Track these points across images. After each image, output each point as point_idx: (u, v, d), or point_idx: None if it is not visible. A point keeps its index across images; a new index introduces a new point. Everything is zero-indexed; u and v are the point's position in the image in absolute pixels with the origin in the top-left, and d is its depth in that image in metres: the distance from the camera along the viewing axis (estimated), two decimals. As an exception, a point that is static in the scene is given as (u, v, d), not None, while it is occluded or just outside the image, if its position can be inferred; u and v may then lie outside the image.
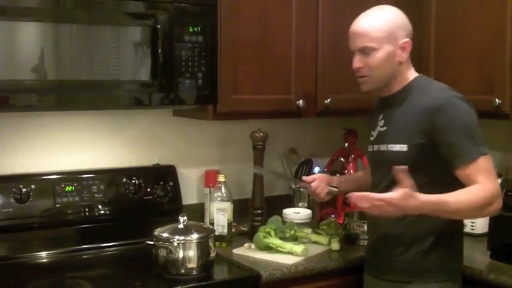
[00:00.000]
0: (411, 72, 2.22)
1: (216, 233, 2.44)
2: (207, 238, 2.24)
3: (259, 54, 2.60)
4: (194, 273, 2.19)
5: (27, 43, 2.11)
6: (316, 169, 3.05)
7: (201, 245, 2.21)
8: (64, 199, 2.49)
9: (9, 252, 2.38)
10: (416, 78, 2.22)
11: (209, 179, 2.79)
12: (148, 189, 2.66)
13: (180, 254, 2.17)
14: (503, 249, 2.33)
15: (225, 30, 2.48)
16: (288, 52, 2.67)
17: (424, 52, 2.74)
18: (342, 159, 3.09)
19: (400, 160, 2.08)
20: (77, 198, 2.51)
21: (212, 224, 2.54)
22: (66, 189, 2.49)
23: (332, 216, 2.79)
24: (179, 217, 2.25)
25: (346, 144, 3.08)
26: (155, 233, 2.22)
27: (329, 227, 2.63)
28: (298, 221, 2.70)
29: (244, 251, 2.49)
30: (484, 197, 1.98)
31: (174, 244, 2.17)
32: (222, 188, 2.58)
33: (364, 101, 2.46)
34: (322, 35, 2.74)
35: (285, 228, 2.58)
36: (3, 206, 2.37)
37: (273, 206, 2.70)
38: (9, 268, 2.30)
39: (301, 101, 2.69)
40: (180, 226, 2.23)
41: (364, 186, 2.48)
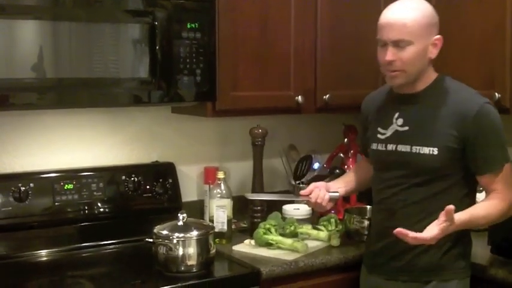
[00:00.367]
0: (433, 71, 2.17)
1: (216, 230, 2.44)
2: (207, 235, 2.24)
3: (258, 50, 2.59)
4: (194, 270, 2.19)
5: (26, 41, 2.11)
6: (316, 165, 3.05)
7: (201, 242, 2.20)
8: (63, 197, 2.48)
9: (9, 251, 2.38)
10: (441, 77, 2.17)
11: (208, 176, 2.79)
12: (147, 187, 2.65)
13: (180, 251, 2.17)
14: (504, 244, 2.33)
15: (224, 26, 2.47)
16: (287, 48, 2.66)
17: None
18: (342, 155, 3.09)
19: (429, 164, 2.09)
20: (76, 197, 2.51)
21: (212, 221, 2.53)
22: (65, 188, 2.49)
23: (332, 212, 2.78)
24: (178, 214, 2.24)
25: (345, 140, 3.08)
26: (155, 231, 2.22)
27: (329, 223, 2.62)
28: (298, 217, 2.69)
29: (244, 247, 2.48)
30: (503, 208, 2.08)
31: (174, 241, 2.17)
32: (221, 184, 2.58)
33: (364, 97, 2.44)
34: (321, 31, 2.73)
35: (285, 224, 2.58)
36: (2, 204, 2.37)
37: (273, 202, 2.69)
38: (8, 267, 2.30)
39: (300, 97, 2.68)
40: (180, 223, 2.23)
41: (357, 187, 2.47)
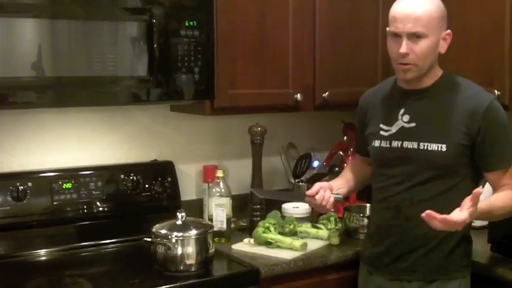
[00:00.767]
0: (438, 67, 2.16)
1: (215, 229, 2.43)
2: (206, 234, 2.23)
3: (257, 48, 2.59)
4: (193, 269, 2.18)
5: (24, 40, 2.10)
6: (315, 163, 3.04)
7: (200, 241, 2.20)
8: (62, 196, 2.48)
9: (7, 250, 2.37)
10: (447, 73, 2.16)
11: (207, 175, 2.78)
12: (146, 186, 2.65)
13: (179, 250, 2.16)
14: (504, 242, 2.32)
15: (222, 24, 2.47)
16: (285, 46, 2.65)
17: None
18: (341, 153, 3.08)
19: (437, 160, 2.08)
20: (74, 196, 2.50)
21: (211, 219, 2.53)
22: (63, 187, 2.48)
23: (332, 210, 2.77)
24: (177, 213, 2.24)
25: (344, 137, 3.07)
26: (153, 230, 2.21)
27: (328, 221, 2.62)
28: (298, 216, 2.68)
29: (243, 246, 2.48)
30: None
31: (173, 241, 2.16)
32: (220, 183, 2.57)
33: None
34: (319, 28, 2.73)
35: (284, 223, 2.57)
36: (0, 204, 2.36)
37: (272, 200, 2.69)
38: (7, 267, 2.29)
39: (299, 95, 2.67)
40: (179, 222, 2.22)
41: (356, 185, 2.45)
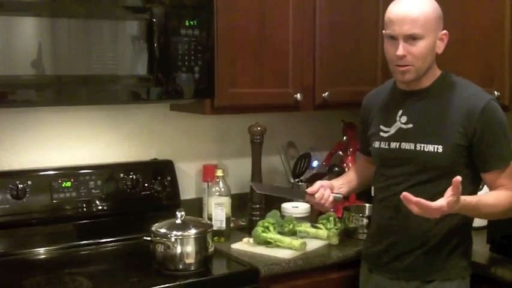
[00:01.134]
0: (437, 68, 2.16)
1: (215, 228, 2.43)
2: (205, 233, 2.23)
3: (257, 47, 2.59)
4: (192, 268, 2.18)
5: (24, 38, 2.10)
6: (315, 163, 3.04)
7: (199, 240, 2.19)
8: (61, 195, 2.48)
9: (7, 248, 2.37)
10: (445, 74, 2.16)
11: (207, 174, 2.78)
12: (146, 185, 2.65)
13: (178, 249, 2.16)
14: (503, 242, 2.32)
15: (222, 23, 2.47)
16: (285, 45, 2.65)
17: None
18: (341, 152, 3.08)
19: (433, 161, 2.08)
20: (74, 194, 2.50)
21: (210, 218, 2.53)
22: (63, 185, 2.48)
23: (331, 210, 2.77)
24: (177, 212, 2.24)
25: (344, 137, 3.07)
26: (153, 229, 2.21)
27: (328, 221, 2.62)
28: (297, 215, 2.69)
29: (242, 245, 2.48)
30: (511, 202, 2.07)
31: (172, 239, 2.16)
32: (220, 182, 2.57)
33: (363, 94, 2.44)
34: (319, 28, 2.73)
35: (283, 222, 2.57)
36: (-1, 202, 2.37)
37: (272, 200, 2.69)
38: (6, 265, 2.29)
39: (299, 94, 2.67)
40: (178, 221, 2.22)
41: (358, 186, 2.46)
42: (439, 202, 1.87)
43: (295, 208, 2.74)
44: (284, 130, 3.09)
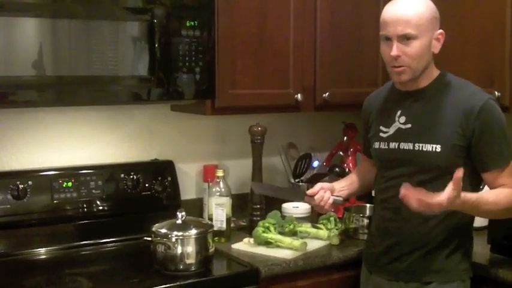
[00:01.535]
0: (435, 68, 2.16)
1: (215, 228, 2.43)
2: (206, 234, 2.23)
3: (257, 48, 2.59)
4: (193, 268, 2.18)
5: (25, 39, 2.10)
6: (315, 163, 3.04)
7: (200, 241, 2.19)
8: (62, 195, 2.48)
9: (7, 249, 2.37)
10: (443, 74, 2.16)
11: (208, 174, 2.78)
12: (146, 185, 2.65)
13: (179, 249, 2.16)
14: (503, 243, 2.32)
15: (223, 24, 2.47)
16: (286, 46, 2.66)
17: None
18: (341, 153, 3.08)
19: (432, 161, 2.07)
20: (74, 194, 2.50)
21: (211, 219, 2.53)
22: (63, 185, 2.48)
23: (332, 210, 2.77)
24: (177, 212, 2.24)
25: (345, 138, 3.07)
26: (153, 229, 2.21)
27: (328, 221, 2.62)
28: (298, 216, 2.69)
29: (243, 246, 2.48)
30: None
31: (172, 240, 2.16)
32: (220, 182, 2.57)
33: (363, 95, 2.44)
34: (320, 28, 2.73)
35: (284, 222, 2.57)
36: (0, 202, 2.36)
37: (272, 200, 2.69)
38: (7, 265, 2.29)
39: (299, 95, 2.67)
40: (178, 222, 2.22)
41: (359, 189, 2.45)
42: (440, 197, 1.88)
43: (295, 208, 2.74)
44: (285, 131, 3.10)
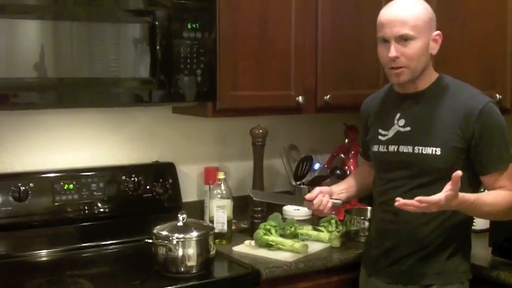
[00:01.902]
0: (433, 70, 2.16)
1: (216, 231, 2.43)
2: (207, 236, 2.23)
3: (259, 50, 2.59)
4: (194, 271, 2.18)
5: (27, 41, 2.10)
6: (317, 165, 3.04)
7: (201, 243, 2.20)
8: (63, 197, 2.48)
9: (9, 250, 2.37)
10: (442, 76, 2.16)
11: (209, 176, 2.78)
12: (147, 187, 2.65)
13: (180, 252, 2.16)
14: (505, 245, 2.32)
15: (224, 26, 2.47)
16: (287, 48, 2.66)
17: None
18: (343, 155, 3.08)
19: (432, 164, 2.07)
20: (76, 196, 2.50)
21: (212, 221, 2.53)
22: (65, 187, 2.48)
23: (332, 213, 2.77)
24: (178, 215, 2.24)
25: (346, 140, 3.07)
26: (154, 231, 2.21)
27: (329, 224, 2.62)
28: (299, 218, 2.69)
29: (244, 248, 2.48)
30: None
31: (174, 242, 2.16)
32: (221, 185, 2.57)
33: (364, 97, 2.43)
34: (321, 30, 2.73)
35: (285, 225, 2.57)
36: (1, 204, 2.36)
37: (273, 202, 2.69)
38: (8, 267, 2.30)
39: (301, 97, 2.67)
40: (180, 224, 2.22)
41: (358, 192, 2.45)
42: (437, 196, 1.88)
43: (296, 211, 2.74)
44: (286, 133, 3.10)
